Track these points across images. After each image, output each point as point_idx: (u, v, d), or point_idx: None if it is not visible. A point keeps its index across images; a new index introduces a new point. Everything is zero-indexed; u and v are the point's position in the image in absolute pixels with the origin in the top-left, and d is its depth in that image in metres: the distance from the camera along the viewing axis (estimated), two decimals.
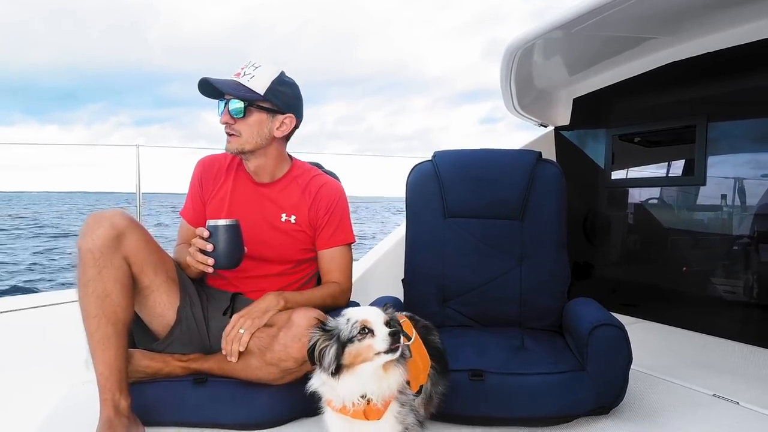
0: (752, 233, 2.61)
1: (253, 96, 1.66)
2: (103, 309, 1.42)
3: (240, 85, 1.65)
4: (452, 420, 1.57)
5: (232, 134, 1.68)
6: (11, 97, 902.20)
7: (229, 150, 1.71)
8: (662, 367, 2.08)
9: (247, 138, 1.69)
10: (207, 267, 1.50)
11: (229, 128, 1.68)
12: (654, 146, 3.13)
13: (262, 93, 1.66)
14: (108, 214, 1.48)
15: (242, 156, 1.74)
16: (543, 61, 2.80)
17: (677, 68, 2.64)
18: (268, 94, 1.67)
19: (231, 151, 1.71)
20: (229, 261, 1.52)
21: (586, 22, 2.20)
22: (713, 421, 1.62)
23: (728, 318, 2.60)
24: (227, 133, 1.69)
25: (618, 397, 1.60)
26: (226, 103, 1.66)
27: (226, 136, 1.70)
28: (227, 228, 1.50)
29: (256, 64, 1.69)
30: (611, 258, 3.29)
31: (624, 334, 1.58)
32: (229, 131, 1.68)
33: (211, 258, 1.49)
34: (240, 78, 1.66)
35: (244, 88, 1.65)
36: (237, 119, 1.66)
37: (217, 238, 1.49)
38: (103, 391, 1.42)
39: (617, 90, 2.97)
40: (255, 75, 1.67)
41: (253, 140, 1.70)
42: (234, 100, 1.64)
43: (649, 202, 3.17)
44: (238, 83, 1.65)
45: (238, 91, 1.64)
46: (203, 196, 1.82)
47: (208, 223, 1.51)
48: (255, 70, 1.67)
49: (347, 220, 1.86)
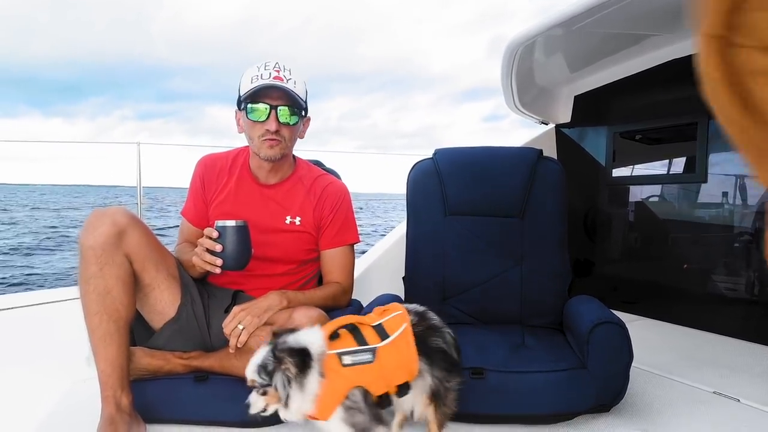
0: (753, 230, 2.61)
1: (303, 104, 1.68)
2: (105, 306, 1.42)
3: (294, 93, 1.65)
4: (453, 418, 1.57)
5: (276, 140, 1.66)
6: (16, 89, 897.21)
7: (271, 157, 1.68)
8: (663, 365, 2.08)
9: (288, 143, 1.70)
10: (214, 268, 1.50)
11: (275, 134, 1.65)
12: (655, 143, 3.13)
13: (305, 99, 1.70)
14: (110, 211, 1.48)
15: (276, 161, 1.73)
16: (544, 58, 2.80)
17: (679, 65, 2.63)
18: (306, 98, 1.71)
19: (273, 158, 1.69)
20: (237, 262, 1.52)
21: (587, 19, 2.20)
22: (714, 418, 1.62)
23: (729, 315, 2.60)
24: (270, 139, 1.65)
25: (619, 395, 1.60)
26: (274, 109, 1.63)
27: (266, 141, 1.66)
28: (236, 229, 1.50)
29: (286, 65, 1.68)
30: (612, 255, 3.29)
31: (625, 332, 1.58)
32: (275, 137, 1.66)
33: (219, 259, 1.49)
34: (284, 83, 1.64)
35: (298, 96, 1.66)
36: (284, 126, 1.66)
37: (225, 238, 1.49)
38: (105, 389, 1.42)
39: (618, 87, 2.96)
40: (296, 80, 1.67)
41: (292, 144, 1.74)
42: (293, 109, 1.65)
43: (650, 200, 3.17)
44: (293, 92, 1.64)
45: (295, 101, 1.65)
46: (205, 195, 1.81)
47: (217, 223, 1.50)
48: (291, 74, 1.67)
49: (352, 220, 1.86)
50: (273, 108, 1.63)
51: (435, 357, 1.31)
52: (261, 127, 1.65)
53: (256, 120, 1.65)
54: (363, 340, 1.24)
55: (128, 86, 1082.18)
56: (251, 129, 1.68)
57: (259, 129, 1.66)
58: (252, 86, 1.62)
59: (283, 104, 1.64)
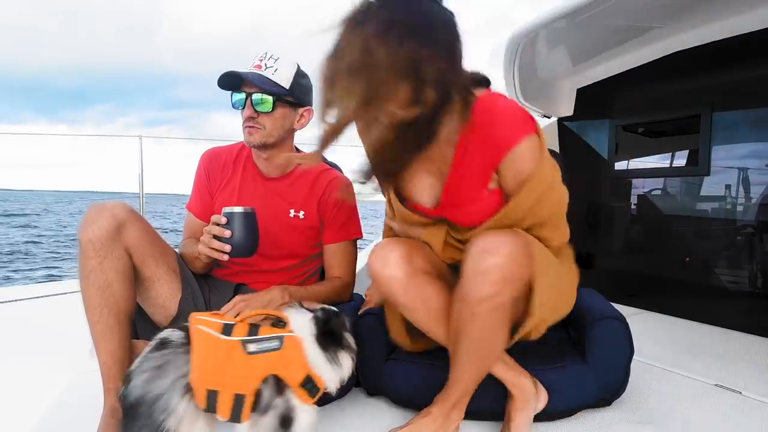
0: (756, 223, 2.60)
1: (280, 90, 1.66)
2: (105, 300, 1.43)
3: (266, 79, 1.64)
4: None
5: (254, 127, 1.67)
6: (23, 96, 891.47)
7: (250, 143, 1.69)
8: (664, 358, 2.08)
9: (270, 131, 1.69)
10: (222, 255, 1.48)
11: (252, 121, 1.67)
12: (658, 136, 3.12)
13: (287, 86, 1.67)
14: (108, 205, 1.48)
15: (261, 150, 1.73)
16: (547, 51, 2.79)
17: (682, 58, 2.62)
18: (293, 87, 1.68)
19: (252, 144, 1.70)
20: (246, 249, 1.50)
21: (590, 11, 2.19)
22: (715, 411, 1.62)
23: (731, 308, 2.60)
24: (249, 126, 1.67)
25: (619, 390, 1.60)
26: (249, 97, 1.65)
27: (246, 128, 1.68)
28: (245, 215, 1.49)
29: (274, 56, 1.68)
30: (614, 248, 3.29)
31: (626, 327, 1.58)
32: (251, 124, 1.67)
33: (227, 245, 1.47)
34: (263, 71, 1.64)
35: (270, 81, 1.65)
36: (262, 113, 1.66)
37: (233, 224, 1.47)
38: (107, 381, 1.43)
39: (621, 80, 2.95)
40: (278, 68, 1.66)
41: (276, 134, 1.71)
42: (263, 95, 1.64)
43: (652, 193, 3.16)
44: (263, 77, 1.64)
45: (266, 85, 1.64)
46: (211, 188, 1.82)
47: (224, 209, 1.49)
48: (276, 62, 1.67)
49: (355, 215, 1.86)
50: (249, 96, 1.65)
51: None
52: (242, 114, 1.68)
53: (237, 108, 1.69)
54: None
55: (133, 94, 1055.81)
56: (241, 118, 1.71)
57: (242, 117, 1.69)
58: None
59: (258, 91, 1.65)
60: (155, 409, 1.07)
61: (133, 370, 1.12)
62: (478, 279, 1.19)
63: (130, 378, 1.11)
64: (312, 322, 1.24)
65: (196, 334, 1.15)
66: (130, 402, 1.08)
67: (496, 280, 1.17)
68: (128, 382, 1.10)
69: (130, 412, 1.08)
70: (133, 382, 1.09)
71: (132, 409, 1.08)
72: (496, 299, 1.19)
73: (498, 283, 1.17)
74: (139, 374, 1.10)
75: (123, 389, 1.11)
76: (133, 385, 1.09)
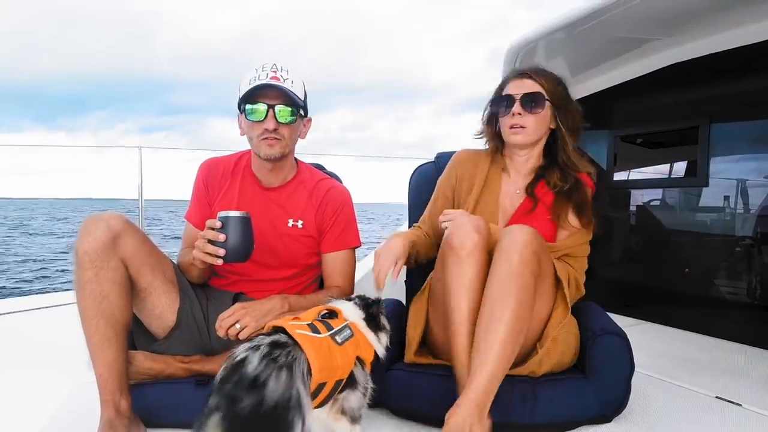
0: (755, 235, 2.60)
1: (301, 102, 1.68)
2: (101, 311, 1.42)
3: (290, 91, 1.65)
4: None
5: (275, 138, 1.66)
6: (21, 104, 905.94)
7: (271, 155, 1.68)
8: (664, 369, 2.07)
9: (288, 142, 1.70)
10: (216, 259, 1.46)
11: (274, 133, 1.65)
12: (656, 147, 3.13)
13: (302, 98, 1.69)
14: (104, 216, 1.47)
15: (276, 161, 1.72)
16: (545, 62, 2.80)
17: (680, 69, 2.63)
18: (305, 98, 1.71)
19: (272, 156, 1.68)
20: (240, 254, 1.48)
21: (588, 23, 2.20)
22: (715, 424, 1.61)
23: (731, 319, 2.60)
24: (270, 138, 1.66)
25: (620, 407, 1.59)
26: (271, 108, 1.64)
27: (265, 140, 1.66)
28: (240, 220, 1.47)
29: (284, 67, 1.68)
30: (613, 259, 3.29)
31: (626, 343, 1.58)
32: (274, 136, 1.66)
33: (221, 249, 1.45)
34: (282, 83, 1.64)
35: (293, 93, 1.66)
36: (283, 125, 1.66)
37: (228, 229, 1.46)
38: (104, 392, 1.42)
39: (620, 91, 2.96)
40: (293, 80, 1.67)
41: (292, 144, 1.73)
42: (287, 107, 1.65)
43: (651, 204, 3.17)
44: (290, 90, 1.65)
45: (291, 98, 1.65)
46: (210, 198, 1.81)
47: (220, 214, 1.47)
48: (289, 74, 1.67)
49: (353, 224, 1.86)
50: (271, 107, 1.64)
51: None
52: (260, 126, 1.65)
53: (255, 120, 1.65)
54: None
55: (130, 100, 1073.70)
56: (251, 129, 1.68)
57: (258, 129, 1.66)
58: (249, 87, 1.63)
59: (281, 103, 1.65)
60: (290, 407, 1.05)
61: (259, 373, 1.04)
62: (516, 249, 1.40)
63: (261, 382, 1.04)
64: (357, 308, 1.42)
65: (301, 337, 1.18)
66: (268, 406, 1.02)
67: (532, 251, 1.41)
68: (264, 388, 1.03)
69: (269, 415, 1.02)
70: (269, 387, 1.03)
71: (271, 412, 1.02)
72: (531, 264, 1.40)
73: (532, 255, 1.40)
74: (269, 378, 1.05)
75: (251, 398, 1.02)
76: (271, 389, 1.03)
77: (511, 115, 1.74)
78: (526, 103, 1.72)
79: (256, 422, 1.00)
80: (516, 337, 1.36)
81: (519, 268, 1.37)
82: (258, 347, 1.10)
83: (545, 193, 1.78)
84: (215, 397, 1.03)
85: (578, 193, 1.74)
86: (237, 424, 0.99)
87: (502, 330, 1.34)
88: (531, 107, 1.72)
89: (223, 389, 1.03)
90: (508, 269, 1.38)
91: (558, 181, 1.76)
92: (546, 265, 1.52)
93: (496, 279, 1.39)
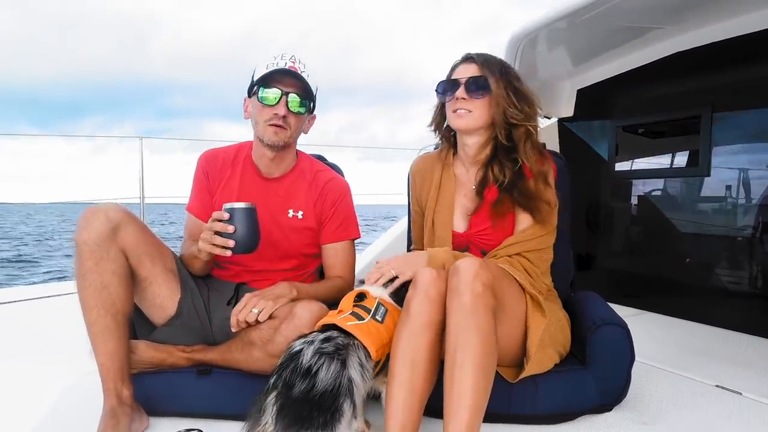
0: (756, 224, 2.60)
1: (313, 95, 1.70)
2: (102, 300, 1.43)
3: (306, 82, 1.66)
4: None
5: (282, 126, 1.66)
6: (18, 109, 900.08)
7: (275, 142, 1.68)
8: (665, 358, 2.08)
9: (293, 132, 1.71)
10: (225, 251, 1.46)
11: (282, 120, 1.65)
12: (658, 137, 3.11)
13: (314, 92, 1.70)
14: (103, 207, 1.48)
15: (278, 150, 1.72)
16: (547, 51, 2.78)
17: (682, 58, 2.61)
18: (316, 94, 1.72)
19: (276, 143, 1.68)
20: (248, 245, 1.48)
21: (590, 12, 2.19)
22: (716, 412, 1.62)
23: (732, 309, 2.60)
24: (277, 125, 1.66)
25: (620, 397, 1.60)
26: (285, 95, 1.64)
27: (272, 126, 1.66)
28: (247, 211, 1.47)
29: (301, 59, 1.69)
30: (614, 249, 3.29)
31: (627, 333, 1.58)
32: (281, 123, 1.66)
33: (231, 240, 1.45)
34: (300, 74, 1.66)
35: (308, 84, 1.67)
36: (292, 114, 1.67)
37: (236, 220, 1.45)
38: (106, 381, 1.43)
39: (621, 81, 2.95)
40: (309, 73, 1.68)
41: (296, 134, 1.74)
42: (300, 97, 1.66)
43: (652, 194, 3.16)
44: (304, 79, 1.66)
45: (306, 88, 1.67)
46: (210, 188, 1.81)
47: (225, 205, 1.47)
48: (305, 68, 1.69)
49: (352, 215, 1.86)
50: (285, 94, 1.64)
51: None
52: (270, 111, 1.65)
53: (266, 104, 1.65)
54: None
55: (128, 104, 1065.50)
56: (260, 113, 1.68)
57: (268, 113, 1.66)
58: (267, 70, 1.64)
59: (294, 92, 1.65)
60: (339, 394, 1.20)
61: (312, 364, 1.20)
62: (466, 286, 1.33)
63: (314, 372, 1.19)
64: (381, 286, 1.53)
65: (352, 328, 1.33)
66: (318, 392, 1.17)
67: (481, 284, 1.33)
68: (315, 376, 1.18)
69: (317, 400, 1.17)
70: (320, 376, 1.19)
71: (320, 397, 1.17)
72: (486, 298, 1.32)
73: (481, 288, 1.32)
74: (320, 368, 1.20)
75: (303, 384, 1.18)
76: (321, 379, 1.19)
77: (455, 99, 1.68)
78: (470, 87, 1.67)
79: (306, 405, 1.15)
80: (487, 374, 1.30)
81: (473, 306, 1.30)
82: (312, 342, 1.25)
83: (492, 188, 1.70)
84: (275, 378, 1.21)
85: (518, 187, 1.65)
86: (289, 404, 1.16)
87: (469, 377, 1.26)
88: (474, 90, 1.66)
89: (282, 374, 1.20)
90: (462, 309, 1.31)
91: (499, 175, 1.68)
92: (505, 287, 1.46)
93: (453, 325, 1.32)
